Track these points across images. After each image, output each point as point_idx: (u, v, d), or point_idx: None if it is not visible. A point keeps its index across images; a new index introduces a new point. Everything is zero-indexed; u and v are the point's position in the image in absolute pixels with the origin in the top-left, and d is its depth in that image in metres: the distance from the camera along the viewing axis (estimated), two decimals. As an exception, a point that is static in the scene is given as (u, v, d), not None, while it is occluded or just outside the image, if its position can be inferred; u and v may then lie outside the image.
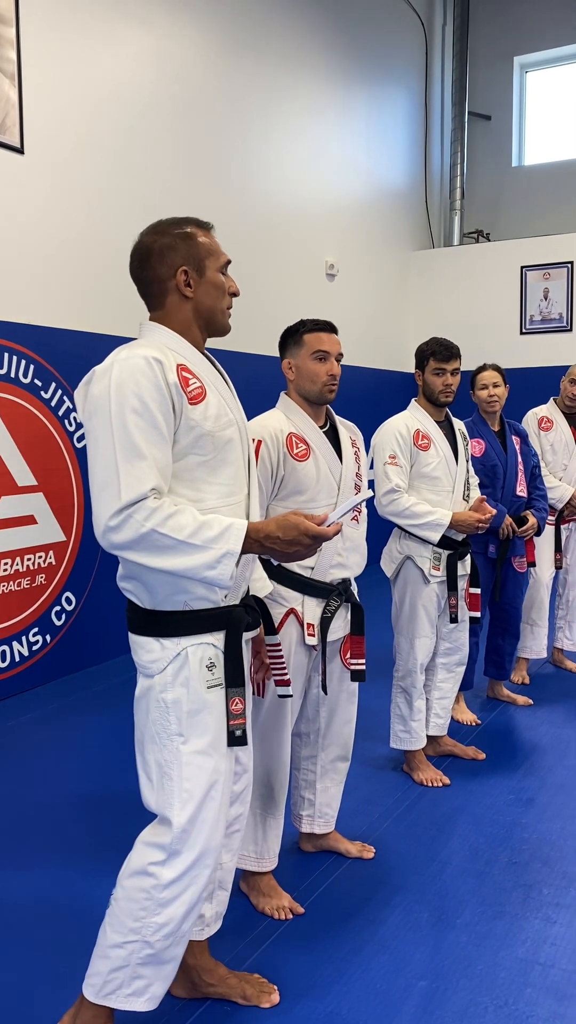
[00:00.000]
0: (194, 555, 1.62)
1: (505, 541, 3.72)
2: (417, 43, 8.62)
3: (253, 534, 1.67)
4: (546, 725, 3.83)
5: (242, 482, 1.82)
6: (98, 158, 4.71)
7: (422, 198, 8.86)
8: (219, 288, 1.83)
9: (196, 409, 1.71)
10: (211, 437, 1.73)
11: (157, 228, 1.85)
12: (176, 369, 1.70)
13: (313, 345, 2.38)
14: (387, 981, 2.11)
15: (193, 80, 5.48)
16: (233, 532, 1.64)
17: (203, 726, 1.73)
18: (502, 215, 9.05)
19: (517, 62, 9.04)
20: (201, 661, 1.73)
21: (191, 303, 1.81)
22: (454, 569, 3.17)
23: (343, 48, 7.20)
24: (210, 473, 1.74)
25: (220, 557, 1.62)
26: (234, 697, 1.76)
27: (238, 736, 1.77)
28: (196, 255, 1.81)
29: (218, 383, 1.81)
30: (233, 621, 1.78)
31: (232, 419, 1.80)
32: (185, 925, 1.75)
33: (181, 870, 1.72)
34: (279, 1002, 2.02)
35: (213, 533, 1.63)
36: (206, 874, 1.75)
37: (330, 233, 7.18)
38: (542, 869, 2.63)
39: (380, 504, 3.10)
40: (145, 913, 1.72)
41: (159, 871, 1.72)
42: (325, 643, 2.40)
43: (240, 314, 6.33)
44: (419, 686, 3.22)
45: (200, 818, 1.72)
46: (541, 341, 8.03)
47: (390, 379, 7.95)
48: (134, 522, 1.60)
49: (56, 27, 4.41)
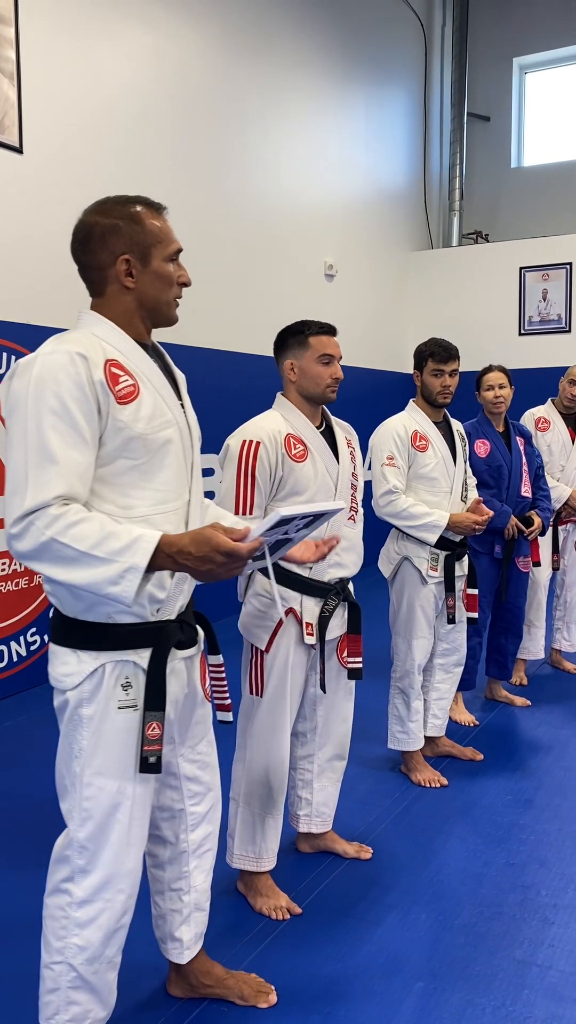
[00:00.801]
0: (97, 568, 1.46)
1: (510, 541, 3.73)
2: (416, 44, 8.63)
3: (166, 548, 1.48)
4: (544, 726, 3.83)
5: (182, 488, 1.69)
6: (97, 158, 4.71)
7: (421, 199, 8.86)
8: (165, 279, 1.67)
9: (125, 409, 1.58)
10: (142, 440, 1.59)
11: (101, 207, 1.67)
12: (104, 366, 1.57)
13: (319, 348, 2.39)
14: (384, 982, 2.11)
15: (192, 80, 5.48)
16: (141, 545, 1.46)
17: (108, 747, 1.62)
18: (501, 216, 9.06)
19: (516, 63, 9.05)
20: (117, 679, 1.62)
21: (133, 293, 1.66)
22: (451, 570, 3.17)
23: (342, 49, 7.21)
24: (142, 478, 1.61)
25: (123, 572, 1.45)
26: (152, 722, 1.62)
27: (151, 763, 1.62)
28: (141, 241, 1.64)
29: (157, 380, 1.67)
30: (162, 639, 1.64)
31: (170, 420, 1.66)
32: (108, 951, 1.67)
33: (91, 891, 1.64)
34: (276, 1002, 2.02)
35: (119, 545, 1.46)
36: (121, 899, 1.66)
37: (329, 233, 7.18)
38: (540, 870, 2.63)
39: (378, 505, 3.09)
40: (64, 932, 1.65)
41: (71, 888, 1.65)
42: (324, 642, 2.41)
43: (238, 314, 6.37)
44: (417, 687, 3.22)
45: (104, 839, 1.63)
46: (540, 342, 8.03)
47: (388, 380, 7.95)
48: (35, 530, 1.47)
49: (55, 27, 4.41)
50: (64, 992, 1.66)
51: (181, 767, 1.82)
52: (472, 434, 3.67)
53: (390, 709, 3.27)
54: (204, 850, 1.90)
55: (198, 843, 1.88)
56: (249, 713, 2.41)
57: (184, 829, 1.86)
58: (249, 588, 2.41)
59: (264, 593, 2.36)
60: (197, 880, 1.90)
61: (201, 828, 1.88)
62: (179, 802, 1.84)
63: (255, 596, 2.39)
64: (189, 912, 1.90)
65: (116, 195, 1.70)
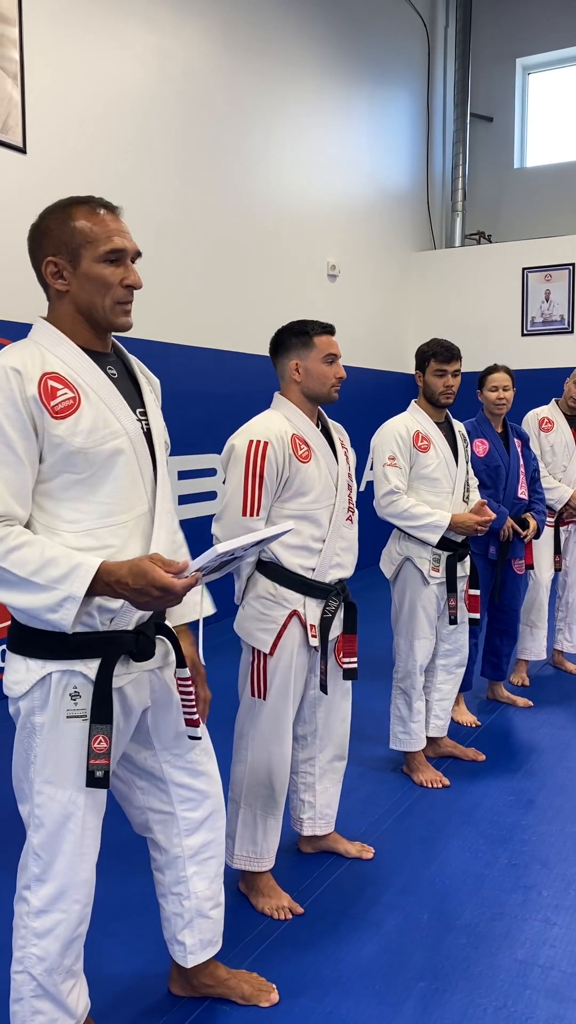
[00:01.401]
0: (37, 595, 1.46)
1: (505, 543, 3.73)
2: (419, 44, 8.63)
3: (104, 576, 1.47)
4: (546, 727, 3.83)
5: (135, 500, 1.63)
6: (100, 158, 4.72)
7: (423, 199, 8.86)
8: (96, 281, 1.58)
9: (60, 424, 1.53)
10: (83, 454, 1.55)
11: (47, 209, 1.62)
12: (39, 380, 1.52)
13: (324, 348, 2.40)
14: (386, 982, 2.11)
15: (195, 79, 5.48)
16: (79, 574, 1.46)
17: (59, 756, 1.60)
18: (503, 217, 9.06)
19: (519, 64, 9.05)
20: (65, 689, 1.59)
21: (68, 297, 1.60)
22: (453, 571, 3.17)
23: (345, 49, 7.21)
24: (88, 492, 1.57)
25: (61, 600, 1.46)
26: (97, 734, 1.58)
27: (98, 777, 1.58)
28: (68, 242, 1.57)
29: (103, 390, 1.60)
30: (112, 650, 1.60)
31: (117, 431, 1.59)
32: (66, 961, 1.65)
33: (47, 901, 1.63)
34: (278, 1001, 2.02)
35: (58, 573, 1.46)
36: (76, 910, 1.64)
37: (331, 234, 7.18)
38: (541, 871, 2.63)
39: (379, 506, 3.09)
40: (24, 942, 1.64)
41: (29, 896, 1.64)
42: (326, 643, 2.41)
43: (241, 314, 6.36)
44: (419, 687, 3.22)
45: (57, 848, 1.62)
46: (542, 343, 8.03)
47: (390, 380, 7.95)
48: None
49: (59, 27, 4.41)
50: (28, 1002, 1.66)
51: (167, 772, 1.81)
52: (471, 433, 3.67)
53: (392, 710, 3.27)
54: (205, 857, 1.88)
55: (195, 849, 1.86)
56: (249, 715, 2.40)
57: (178, 834, 1.84)
58: (249, 591, 2.41)
59: (267, 595, 2.36)
60: (198, 887, 1.88)
61: (198, 835, 1.86)
62: (168, 805, 1.83)
63: (256, 599, 2.38)
64: (191, 917, 1.89)
65: (69, 196, 1.65)
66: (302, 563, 2.36)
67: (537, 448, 4.34)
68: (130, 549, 1.61)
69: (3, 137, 4.10)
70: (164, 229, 5.23)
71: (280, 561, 2.34)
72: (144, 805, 1.84)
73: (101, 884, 2.16)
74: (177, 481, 5.21)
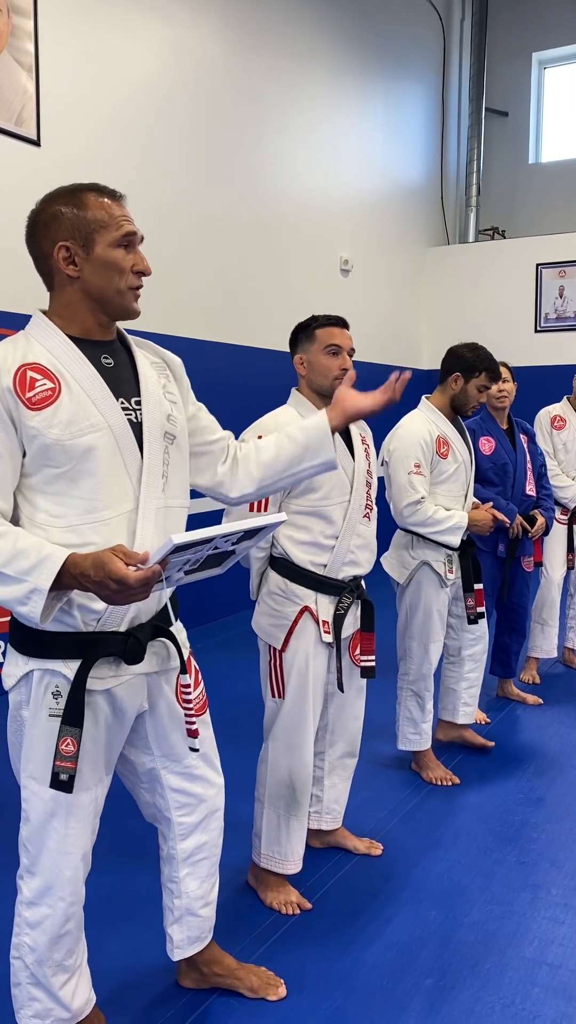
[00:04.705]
0: (8, 587, 1.44)
1: (514, 540, 3.71)
2: (435, 38, 8.59)
3: (71, 568, 1.44)
4: (556, 725, 3.81)
5: (119, 496, 1.57)
6: (114, 151, 4.72)
7: (438, 194, 8.82)
8: (110, 266, 1.57)
9: (36, 416, 1.50)
10: (60, 447, 1.51)
11: (50, 195, 1.60)
12: (16, 371, 1.50)
13: (325, 340, 2.37)
14: (394, 978, 2.11)
15: (210, 74, 5.47)
16: (46, 566, 1.43)
17: (40, 753, 1.59)
18: (518, 212, 9.01)
19: (535, 58, 8.99)
20: (47, 687, 1.58)
21: (78, 283, 1.57)
22: (467, 569, 3.16)
23: (360, 43, 7.18)
24: (69, 486, 1.54)
25: (29, 593, 1.43)
26: (66, 736, 1.54)
27: (62, 780, 1.54)
28: (82, 227, 1.55)
29: (88, 381, 1.56)
30: (94, 652, 1.57)
31: (97, 423, 1.54)
32: (56, 955, 1.65)
33: (36, 893, 1.64)
34: (286, 996, 2.02)
35: (27, 564, 1.44)
36: (62, 907, 1.64)
37: (345, 229, 7.16)
38: (550, 870, 2.62)
39: (402, 515, 2.99)
40: (19, 929, 1.67)
41: (22, 886, 1.66)
42: (340, 641, 2.40)
43: (253, 309, 6.34)
44: (432, 688, 3.22)
45: (42, 843, 1.62)
46: (556, 339, 7.99)
47: (403, 376, 7.92)
48: None
49: (74, 19, 4.41)
50: (25, 987, 1.68)
51: (164, 777, 1.80)
52: (476, 431, 3.64)
53: (401, 711, 3.24)
54: (198, 859, 1.88)
55: (189, 852, 1.86)
56: (273, 715, 2.39)
57: (173, 837, 1.85)
58: (263, 587, 2.41)
59: (278, 591, 2.36)
60: (189, 887, 1.88)
61: (192, 838, 1.86)
62: (166, 810, 1.83)
63: (269, 595, 2.38)
64: (181, 915, 1.90)
65: (71, 183, 1.62)
66: (313, 559, 2.35)
67: (549, 446, 4.32)
68: None
69: (18, 130, 4.10)
70: (177, 222, 5.23)
71: (290, 557, 2.34)
72: (149, 802, 1.85)
73: (111, 875, 2.18)
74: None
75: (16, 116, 4.09)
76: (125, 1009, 1.97)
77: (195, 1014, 1.97)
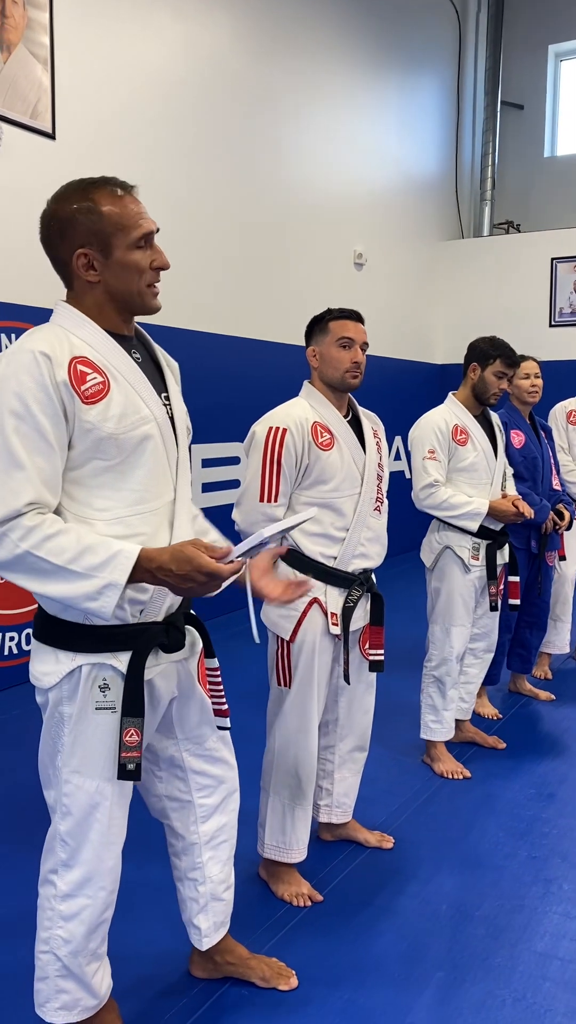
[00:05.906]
0: (74, 583, 1.44)
1: (545, 535, 3.72)
2: (450, 31, 8.54)
3: (145, 563, 1.46)
4: (568, 720, 3.81)
5: (163, 487, 1.61)
6: (129, 144, 4.72)
7: (452, 188, 8.78)
8: (131, 268, 1.56)
9: (92, 410, 1.50)
10: (114, 440, 1.52)
11: (61, 194, 1.57)
12: (69, 365, 1.49)
13: (338, 332, 2.37)
14: (404, 971, 2.11)
15: (224, 66, 5.46)
16: (120, 561, 1.44)
17: (87, 747, 1.60)
18: (533, 206, 8.95)
19: (551, 51, 8.92)
20: (94, 681, 1.58)
21: (100, 287, 1.57)
22: (493, 559, 3.19)
23: (376, 35, 7.14)
24: (118, 479, 1.55)
25: (102, 588, 1.44)
26: (129, 727, 1.57)
27: (130, 770, 1.58)
28: (100, 232, 1.53)
29: (131, 375, 1.58)
30: (142, 642, 1.59)
31: (146, 416, 1.57)
32: (91, 944, 1.68)
33: (73, 886, 1.65)
34: (297, 986, 2.03)
35: (97, 560, 1.44)
36: (102, 896, 1.66)
37: (359, 222, 7.14)
38: (562, 865, 2.62)
39: (418, 498, 3.12)
40: (50, 924, 1.67)
41: (56, 880, 1.66)
42: (348, 633, 2.40)
43: (267, 302, 6.33)
44: (455, 675, 3.23)
45: (84, 837, 1.63)
46: (571, 334, 7.94)
47: (417, 370, 7.91)
48: (8, 542, 1.44)
49: (89, 13, 4.41)
50: (53, 980, 1.69)
51: (187, 761, 1.82)
52: (506, 425, 3.65)
53: (423, 699, 3.27)
54: (219, 841, 1.90)
55: (211, 835, 1.88)
56: (276, 705, 2.41)
57: (194, 821, 1.86)
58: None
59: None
60: (212, 871, 1.90)
61: (213, 820, 1.87)
62: (187, 793, 1.84)
63: None
64: (206, 902, 1.92)
65: (79, 179, 1.59)
66: (323, 551, 2.36)
67: (564, 441, 4.30)
68: (160, 537, 1.61)
69: (33, 123, 4.11)
70: (191, 216, 5.23)
71: (300, 548, 2.34)
72: (162, 793, 1.86)
73: (122, 867, 2.18)
74: (201, 469, 5.22)
75: (31, 109, 4.10)
76: (137, 999, 1.98)
77: (208, 1003, 1.98)
